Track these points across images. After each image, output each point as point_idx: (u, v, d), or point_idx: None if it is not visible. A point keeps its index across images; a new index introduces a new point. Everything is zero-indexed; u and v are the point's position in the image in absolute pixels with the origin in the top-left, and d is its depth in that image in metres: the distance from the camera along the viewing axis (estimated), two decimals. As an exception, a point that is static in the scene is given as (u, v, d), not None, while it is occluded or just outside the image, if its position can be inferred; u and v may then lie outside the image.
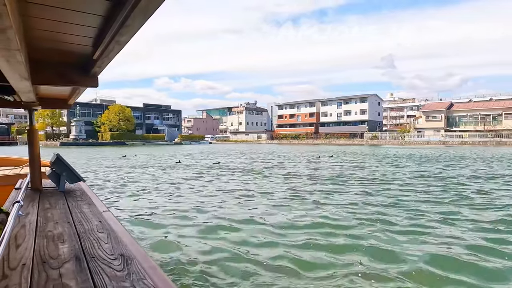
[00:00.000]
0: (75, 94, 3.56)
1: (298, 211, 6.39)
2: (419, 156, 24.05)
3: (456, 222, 5.54)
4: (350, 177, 11.53)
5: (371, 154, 27.12)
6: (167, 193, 8.73)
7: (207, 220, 5.83)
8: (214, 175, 12.62)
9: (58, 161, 3.63)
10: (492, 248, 4.36)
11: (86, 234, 2.13)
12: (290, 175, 12.57)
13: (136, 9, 1.21)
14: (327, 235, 4.88)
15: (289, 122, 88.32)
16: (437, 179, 10.81)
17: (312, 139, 77.64)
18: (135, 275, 1.50)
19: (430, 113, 64.35)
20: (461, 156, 23.87)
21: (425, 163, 17.37)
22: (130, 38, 1.61)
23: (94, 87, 2.64)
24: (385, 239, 4.69)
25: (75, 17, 1.53)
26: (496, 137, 53.11)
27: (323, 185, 9.68)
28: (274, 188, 9.36)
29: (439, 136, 59.72)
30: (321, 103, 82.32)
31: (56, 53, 2.20)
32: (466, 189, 8.79)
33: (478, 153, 27.34)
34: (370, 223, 5.46)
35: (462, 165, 16.39)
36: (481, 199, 7.45)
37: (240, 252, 4.25)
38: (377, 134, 69.14)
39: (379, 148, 42.09)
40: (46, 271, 1.55)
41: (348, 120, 76.48)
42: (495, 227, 5.32)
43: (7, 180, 4.51)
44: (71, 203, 3.06)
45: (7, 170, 5.17)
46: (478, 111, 60.05)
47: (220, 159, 21.33)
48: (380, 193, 8.30)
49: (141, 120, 77.45)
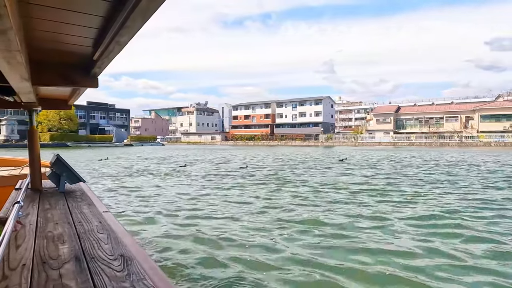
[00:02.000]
0: (75, 95, 3.57)
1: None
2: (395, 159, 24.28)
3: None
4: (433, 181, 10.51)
5: (385, 156, 26.90)
6: (169, 195, 8.56)
7: (210, 222, 5.78)
8: (232, 182, 10.79)
9: (58, 161, 3.63)
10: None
11: (86, 234, 2.14)
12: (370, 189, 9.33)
13: (136, 9, 1.22)
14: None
15: (244, 123, 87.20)
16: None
17: (267, 140, 77.60)
18: (135, 275, 1.51)
19: (380, 115, 67.70)
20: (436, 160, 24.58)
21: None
22: (130, 38, 1.61)
23: (94, 87, 2.63)
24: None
25: (75, 18, 1.53)
26: (440, 138, 57.44)
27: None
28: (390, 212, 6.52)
29: (389, 138, 63.04)
30: (277, 104, 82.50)
31: (57, 53, 2.19)
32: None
33: (435, 155, 28.59)
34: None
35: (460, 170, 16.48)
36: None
37: (241, 252, 4.30)
38: (331, 136, 71.06)
39: (363, 150, 42.70)
40: (46, 272, 1.56)
41: (303, 121, 77.50)
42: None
43: (7, 181, 4.51)
44: (71, 204, 3.07)
45: (7, 170, 5.15)
46: (423, 115, 64.54)
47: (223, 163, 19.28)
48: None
49: (85, 120, 70.27)
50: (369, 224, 5.60)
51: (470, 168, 15.38)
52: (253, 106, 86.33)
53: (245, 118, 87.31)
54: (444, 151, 35.48)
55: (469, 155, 27.59)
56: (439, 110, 63.86)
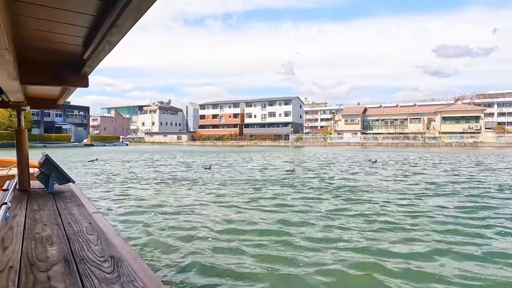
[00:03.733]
0: (65, 94, 3.54)
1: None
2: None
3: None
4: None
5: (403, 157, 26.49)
6: (162, 195, 8.49)
7: (205, 224, 5.70)
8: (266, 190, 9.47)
9: (47, 161, 3.58)
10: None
11: (75, 236, 2.11)
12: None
13: (128, 8, 1.21)
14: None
15: (211, 123, 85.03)
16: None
17: (236, 140, 76.36)
18: (125, 277, 1.49)
19: (348, 116, 69.19)
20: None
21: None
22: (121, 38, 1.60)
23: (84, 87, 2.60)
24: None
25: (65, 16, 1.51)
26: (405, 139, 59.80)
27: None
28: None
29: (358, 138, 64.59)
30: (246, 104, 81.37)
31: (46, 52, 2.17)
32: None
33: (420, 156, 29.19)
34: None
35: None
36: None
37: (233, 250, 4.29)
38: (301, 136, 71.43)
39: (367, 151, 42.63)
40: (34, 274, 1.53)
41: (272, 121, 77.13)
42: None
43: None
44: (60, 205, 3.02)
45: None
46: (388, 116, 66.92)
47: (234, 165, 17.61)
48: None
49: (38, 117, 64.12)
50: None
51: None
52: (221, 105, 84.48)
53: (213, 117, 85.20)
54: (411, 151, 36.62)
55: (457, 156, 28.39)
56: (403, 112, 66.59)
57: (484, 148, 46.88)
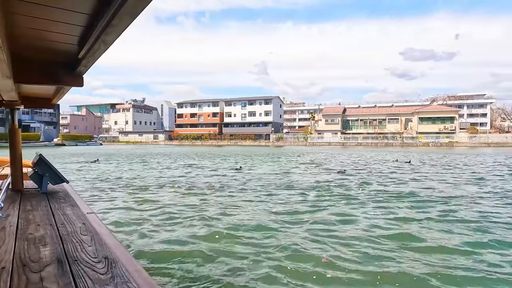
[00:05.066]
0: (59, 94, 3.52)
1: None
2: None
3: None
4: None
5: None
6: (158, 196, 8.45)
7: (204, 223, 5.67)
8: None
9: (41, 161, 3.54)
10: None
11: (69, 236, 2.09)
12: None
13: (124, 8, 1.21)
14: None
15: (190, 122, 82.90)
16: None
17: (216, 140, 74.95)
18: (119, 278, 1.48)
19: (328, 116, 69.70)
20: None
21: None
22: (117, 37, 1.60)
23: (79, 86, 2.59)
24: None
25: (60, 15, 1.50)
26: (384, 139, 61.00)
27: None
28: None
29: (338, 138, 65.19)
30: (225, 103, 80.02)
31: (40, 51, 2.15)
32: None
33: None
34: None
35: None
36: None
37: (229, 253, 4.28)
38: (282, 136, 71.18)
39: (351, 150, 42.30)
40: (27, 275, 1.52)
41: (253, 121, 76.30)
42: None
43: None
44: (54, 205, 2.99)
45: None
46: (367, 116, 68.06)
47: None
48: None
49: (2, 115, 59.58)
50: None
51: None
52: (200, 104, 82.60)
53: (191, 116, 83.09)
54: (390, 151, 37.19)
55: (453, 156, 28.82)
56: (382, 112, 67.97)
57: (459, 148, 48.57)
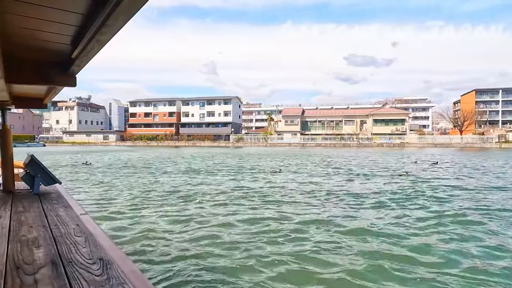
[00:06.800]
0: (51, 94, 3.48)
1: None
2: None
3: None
4: None
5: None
6: (152, 199, 8.29)
7: (198, 225, 5.63)
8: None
9: (33, 162, 3.49)
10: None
11: (62, 238, 2.07)
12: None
13: (119, 8, 1.20)
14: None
15: (144, 122, 78.58)
16: None
17: (173, 140, 71.97)
18: (114, 279, 1.47)
19: (288, 117, 70.35)
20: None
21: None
22: (111, 37, 1.59)
23: (72, 86, 2.56)
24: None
25: (54, 15, 1.49)
26: (341, 140, 63.01)
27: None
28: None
29: (298, 139, 66.04)
30: (182, 102, 77.11)
31: (33, 50, 2.13)
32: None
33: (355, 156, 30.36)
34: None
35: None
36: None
37: (223, 255, 4.24)
38: (242, 136, 70.37)
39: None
40: (20, 277, 1.50)
41: (211, 121, 74.43)
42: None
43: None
44: (46, 206, 2.96)
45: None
46: (325, 117, 69.87)
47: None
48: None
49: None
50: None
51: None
52: (155, 103, 78.70)
53: (145, 116, 78.85)
54: (347, 151, 38.44)
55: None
56: (339, 114, 70.25)
57: (410, 148, 51.67)
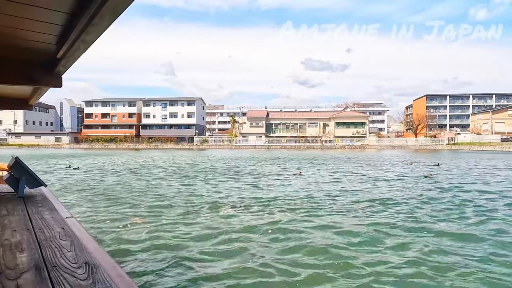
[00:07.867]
0: (36, 94, 3.45)
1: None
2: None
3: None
4: None
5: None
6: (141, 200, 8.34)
7: (193, 229, 5.63)
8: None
9: (17, 164, 3.43)
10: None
11: (47, 241, 2.04)
12: None
13: (105, 7, 1.18)
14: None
15: (101, 123, 74.22)
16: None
17: (133, 142, 68.87)
18: (100, 284, 1.45)
19: (253, 119, 70.29)
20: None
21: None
22: (97, 37, 1.57)
23: (57, 87, 2.51)
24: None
25: (38, 13, 1.46)
26: (306, 142, 64.23)
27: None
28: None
29: (263, 141, 66.23)
30: (143, 102, 73.99)
31: (16, 50, 2.09)
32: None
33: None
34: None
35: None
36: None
37: (212, 257, 4.28)
38: (207, 139, 69.12)
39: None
40: (2, 282, 1.47)
41: (174, 123, 72.17)
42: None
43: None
44: (31, 209, 2.92)
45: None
46: (289, 120, 70.83)
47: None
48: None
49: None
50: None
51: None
52: (113, 103, 74.72)
53: (102, 116, 74.54)
54: (311, 153, 39.38)
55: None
56: (302, 117, 71.60)
57: (370, 150, 53.97)
